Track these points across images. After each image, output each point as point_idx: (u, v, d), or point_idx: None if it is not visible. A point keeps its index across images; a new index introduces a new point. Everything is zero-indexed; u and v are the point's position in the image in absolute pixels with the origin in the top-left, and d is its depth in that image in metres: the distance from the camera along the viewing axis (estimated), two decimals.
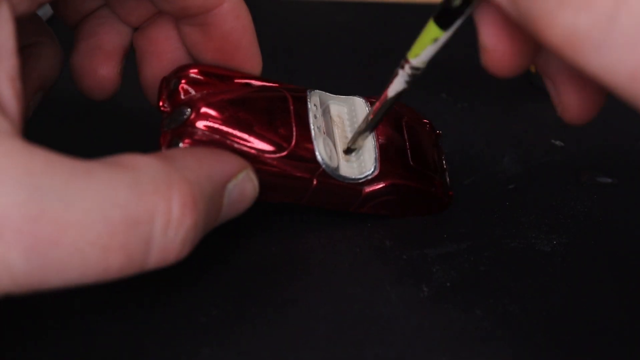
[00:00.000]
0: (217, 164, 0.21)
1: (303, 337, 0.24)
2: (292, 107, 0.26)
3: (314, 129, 0.26)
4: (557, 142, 0.36)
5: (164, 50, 0.27)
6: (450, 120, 0.37)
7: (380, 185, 0.27)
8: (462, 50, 0.45)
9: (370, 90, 0.38)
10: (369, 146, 0.28)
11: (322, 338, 0.24)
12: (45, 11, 0.43)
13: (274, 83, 0.27)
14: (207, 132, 0.24)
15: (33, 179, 0.16)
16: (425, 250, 0.28)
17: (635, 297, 0.27)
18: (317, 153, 0.26)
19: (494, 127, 0.37)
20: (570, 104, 0.22)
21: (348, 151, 0.28)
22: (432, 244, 0.28)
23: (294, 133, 0.26)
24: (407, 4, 0.52)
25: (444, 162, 0.31)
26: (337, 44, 0.45)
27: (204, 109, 0.24)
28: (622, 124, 0.38)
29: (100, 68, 0.26)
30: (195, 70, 0.25)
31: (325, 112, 0.28)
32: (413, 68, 0.23)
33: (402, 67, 0.24)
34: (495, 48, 0.21)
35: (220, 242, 0.28)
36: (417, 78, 0.24)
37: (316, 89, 0.28)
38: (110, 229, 0.17)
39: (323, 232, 0.29)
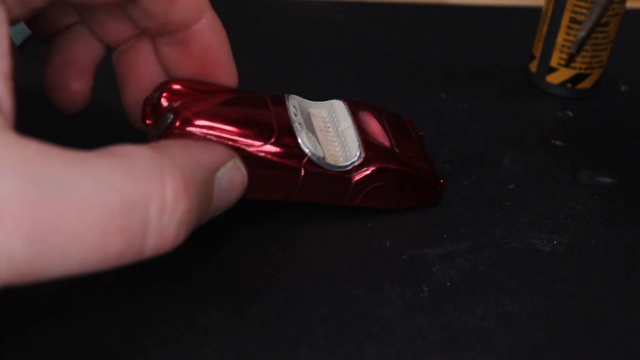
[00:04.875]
0: (205, 153, 0.22)
1: (303, 337, 0.24)
2: (271, 106, 0.27)
3: (294, 123, 0.27)
4: (557, 142, 0.36)
5: (143, 75, 0.27)
6: (450, 120, 0.37)
7: (369, 171, 0.28)
8: (462, 50, 0.45)
9: (370, 89, 0.38)
10: (352, 137, 0.28)
11: (322, 338, 0.24)
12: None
13: (251, 93, 0.28)
14: (190, 132, 0.24)
15: (30, 166, 0.17)
16: (425, 250, 0.28)
17: (635, 297, 0.27)
18: (300, 142, 0.26)
19: (494, 127, 0.37)
20: None
21: (570, 59, 0.26)
22: (432, 244, 0.28)
23: (275, 127, 0.26)
24: (407, 4, 0.52)
25: (431, 157, 0.32)
26: (337, 44, 0.45)
27: (186, 112, 0.24)
28: (622, 124, 0.38)
29: (73, 84, 0.27)
30: (176, 84, 0.26)
31: (307, 119, 0.29)
32: None
33: None
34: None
35: (220, 242, 0.28)
36: None
37: (293, 94, 0.29)
38: (108, 213, 0.17)
39: (323, 232, 0.29)
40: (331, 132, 0.29)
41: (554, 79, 0.40)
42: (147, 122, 0.26)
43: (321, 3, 0.50)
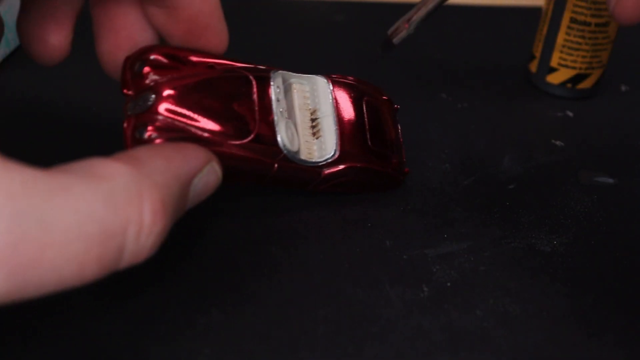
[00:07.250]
0: (184, 162, 0.22)
1: (303, 337, 0.24)
2: (255, 91, 0.26)
3: (276, 113, 0.27)
4: (557, 142, 0.36)
5: (122, 27, 0.26)
6: (450, 120, 0.37)
7: (339, 168, 0.28)
8: (462, 50, 0.45)
9: None
10: (330, 129, 0.28)
11: (322, 338, 0.24)
12: None
13: (239, 62, 0.27)
14: (170, 119, 0.24)
15: (14, 203, 0.16)
16: (425, 250, 0.28)
17: (636, 297, 0.27)
18: (279, 138, 0.26)
19: (494, 127, 0.37)
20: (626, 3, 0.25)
21: (386, 44, 0.27)
22: (432, 244, 0.28)
23: (257, 119, 0.26)
24: (407, 4, 0.52)
25: (400, 138, 0.32)
26: (337, 44, 0.45)
27: (167, 96, 0.24)
28: (622, 124, 0.38)
29: (52, 37, 0.25)
30: (160, 53, 0.25)
31: (287, 91, 0.28)
32: None
33: None
34: None
35: (220, 243, 0.28)
36: None
37: (280, 70, 0.28)
38: (87, 244, 0.18)
39: (323, 232, 0.29)
40: (309, 114, 0.29)
41: (554, 79, 0.40)
42: (126, 91, 0.25)
43: (321, 3, 0.50)
